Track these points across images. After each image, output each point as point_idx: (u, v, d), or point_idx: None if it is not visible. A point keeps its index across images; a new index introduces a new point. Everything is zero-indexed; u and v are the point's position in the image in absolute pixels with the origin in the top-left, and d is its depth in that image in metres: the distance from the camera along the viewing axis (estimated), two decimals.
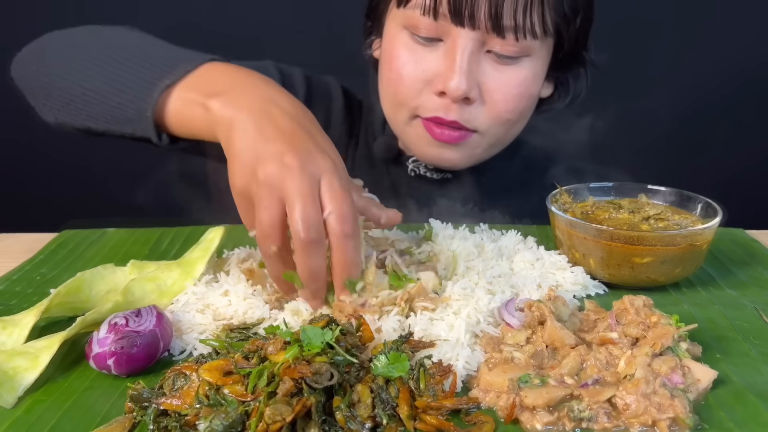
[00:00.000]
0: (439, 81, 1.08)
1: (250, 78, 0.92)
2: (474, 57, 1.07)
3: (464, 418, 0.67)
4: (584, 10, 1.13)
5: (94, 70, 1.01)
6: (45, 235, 1.17)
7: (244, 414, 0.63)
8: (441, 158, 1.19)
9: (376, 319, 0.80)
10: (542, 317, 0.79)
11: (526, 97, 1.14)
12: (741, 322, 0.87)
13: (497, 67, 1.10)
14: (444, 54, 1.08)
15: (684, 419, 0.65)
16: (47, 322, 0.86)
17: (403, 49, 1.12)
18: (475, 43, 1.06)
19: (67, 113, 1.05)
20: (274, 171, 0.77)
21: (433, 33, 1.08)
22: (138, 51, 1.02)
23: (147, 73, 0.97)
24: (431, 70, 1.09)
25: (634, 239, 0.91)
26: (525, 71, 1.11)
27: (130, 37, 1.08)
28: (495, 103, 1.11)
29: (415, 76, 1.11)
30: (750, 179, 2.42)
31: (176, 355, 0.79)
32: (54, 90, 1.05)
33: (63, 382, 0.74)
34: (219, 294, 0.87)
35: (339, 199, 0.78)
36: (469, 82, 1.06)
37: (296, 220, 0.75)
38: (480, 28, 1.04)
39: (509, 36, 1.05)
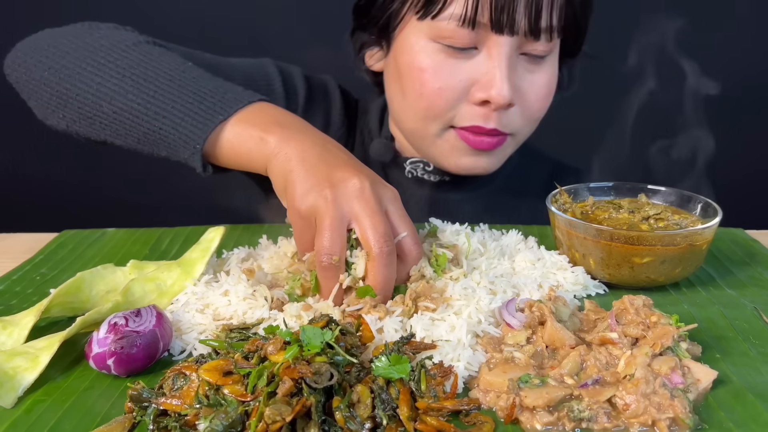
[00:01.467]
0: (480, 90, 1.08)
1: (300, 120, 0.96)
2: (512, 62, 1.08)
3: (463, 419, 0.67)
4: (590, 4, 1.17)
5: (129, 91, 0.97)
6: (45, 235, 1.17)
7: (243, 414, 0.63)
8: (475, 167, 1.18)
9: (377, 319, 0.80)
10: (542, 317, 0.79)
11: (551, 94, 1.17)
12: (741, 322, 0.87)
13: (529, 69, 1.12)
14: (482, 62, 1.08)
15: (684, 419, 0.65)
16: (47, 322, 0.86)
17: (435, 61, 1.09)
18: (513, 48, 1.07)
19: (86, 126, 1.02)
20: (343, 191, 0.82)
21: (470, 43, 1.07)
22: (179, 77, 0.99)
23: (196, 107, 0.96)
24: (468, 80, 1.09)
25: (634, 239, 0.91)
26: (550, 69, 1.14)
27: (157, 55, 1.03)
28: (529, 105, 1.13)
29: (452, 87, 1.09)
30: (750, 179, 2.42)
31: (176, 355, 0.79)
32: (72, 102, 1.01)
33: (63, 382, 0.74)
34: (219, 294, 0.87)
35: (408, 222, 0.85)
36: (511, 89, 1.07)
37: (374, 234, 0.81)
38: (518, 33, 1.06)
39: (544, 37, 1.07)
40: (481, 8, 1.03)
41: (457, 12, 1.04)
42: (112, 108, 0.98)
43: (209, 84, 1.00)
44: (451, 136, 1.15)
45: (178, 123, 0.96)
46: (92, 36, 1.06)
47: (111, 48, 1.03)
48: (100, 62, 1.01)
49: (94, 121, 1.01)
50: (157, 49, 1.07)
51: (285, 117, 0.96)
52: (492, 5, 1.03)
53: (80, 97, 1.00)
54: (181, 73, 1.00)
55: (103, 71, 1.00)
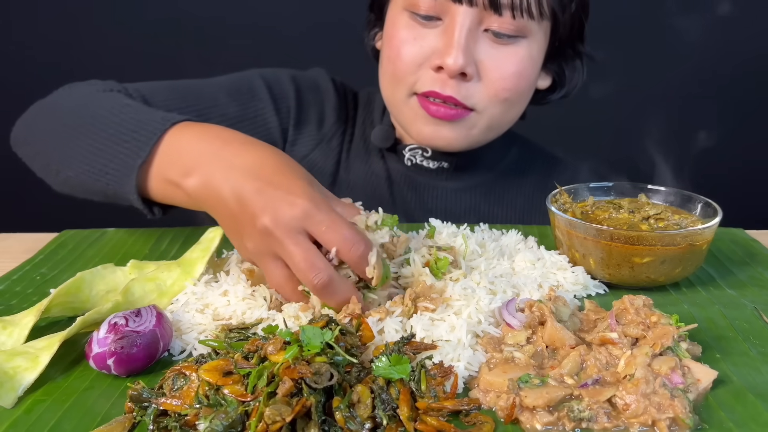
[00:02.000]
0: (437, 56, 1.11)
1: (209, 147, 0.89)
2: (472, 34, 1.10)
3: (463, 419, 0.67)
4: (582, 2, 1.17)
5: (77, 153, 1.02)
6: (45, 235, 1.17)
7: (243, 414, 0.63)
8: (436, 136, 1.20)
9: (377, 320, 0.80)
10: (543, 317, 0.79)
11: (524, 77, 1.17)
12: (741, 322, 0.87)
13: (495, 46, 1.13)
14: (442, 31, 1.12)
15: (684, 419, 0.65)
16: (47, 322, 0.86)
17: (403, 28, 1.16)
18: (473, 20, 1.10)
19: (69, 189, 1.09)
20: (257, 243, 0.81)
21: (432, 11, 1.12)
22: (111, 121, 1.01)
23: (120, 153, 0.97)
24: (429, 47, 1.13)
25: (634, 239, 0.91)
26: (522, 51, 1.14)
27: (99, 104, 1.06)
28: (492, 81, 1.14)
29: (414, 53, 1.14)
30: (750, 179, 2.42)
31: (176, 355, 0.79)
32: (50, 170, 1.08)
33: (63, 382, 0.74)
34: (218, 294, 0.87)
35: (332, 229, 0.79)
36: (466, 58, 1.09)
37: (301, 273, 0.79)
38: (477, 5, 1.08)
39: (506, 13, 1.09)
40: None
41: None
42: (73, 171, 1.03)
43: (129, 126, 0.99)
44: (414, 102, 1.18)
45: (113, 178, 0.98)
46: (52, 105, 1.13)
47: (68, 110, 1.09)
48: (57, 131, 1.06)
49: (70, 184, 1.06)
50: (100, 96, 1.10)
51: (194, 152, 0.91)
52: None
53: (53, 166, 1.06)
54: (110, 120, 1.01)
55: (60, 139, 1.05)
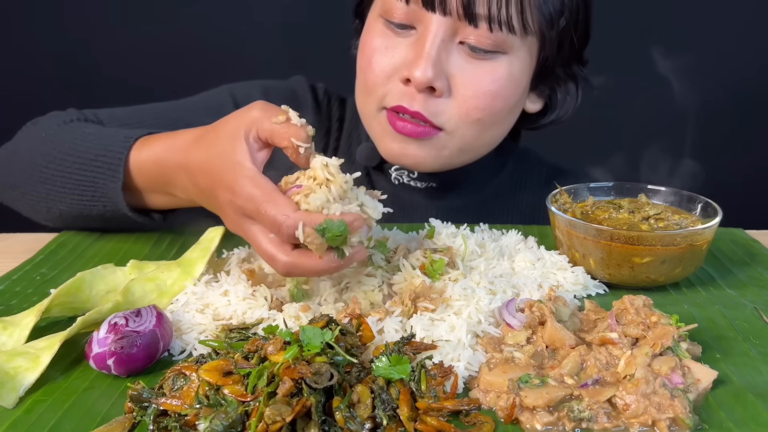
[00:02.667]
0: (406, 68, 1.04)
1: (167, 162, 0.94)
2: (444, 46, 1.03)
3: (463, 419, 0.67)
4: (572, 13, 1.08)
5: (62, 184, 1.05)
6: (45, 235, 1.17)
7: (243, 414, 0.63)
8: (404, 154, 1.11)
9: (377, 320, 0.80)
10: (543, 317, 0.79)
11: (501, 98, 1.08)
12: (741, 322, 0.87)
13: (470, 61, 1.05)
14: (415, 41, 1.05)
15: (684, 419, 0.65)
16: (47, 323, 0.86)
17: (376, 36, 1.09)
18: (447, 30, 1.02)
19: (61, 222, 1.11)
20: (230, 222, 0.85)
21: (406, 19, 1.05)
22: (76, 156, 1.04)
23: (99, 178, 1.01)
24: (401, 57, 1.06)
25: (634, 239, 0.91)
26: (500, 69, 1.06)
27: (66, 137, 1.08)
28: (464, 99, 1.05)
29: (384, 63, 1.07)
30: (750, 179, 2.42)
31: (176, 355, 0.79)
32: (41, 209, 1.10)
33: (63, 382, 0.74)
34: (219, 294, 0.87)
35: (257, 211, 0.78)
36: (436, 71, 1.02)
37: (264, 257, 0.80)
38: (452, 14, 1.01)
39: (482, 25, 1.01)
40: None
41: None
42: (66, 204, 1.06)
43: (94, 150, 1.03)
44: (382, 117, 1.11)
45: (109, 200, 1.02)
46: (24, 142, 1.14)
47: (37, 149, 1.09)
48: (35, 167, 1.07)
49: (64, 218, 1.10)
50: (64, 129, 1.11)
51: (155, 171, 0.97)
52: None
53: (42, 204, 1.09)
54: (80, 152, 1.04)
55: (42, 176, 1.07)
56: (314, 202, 0.76)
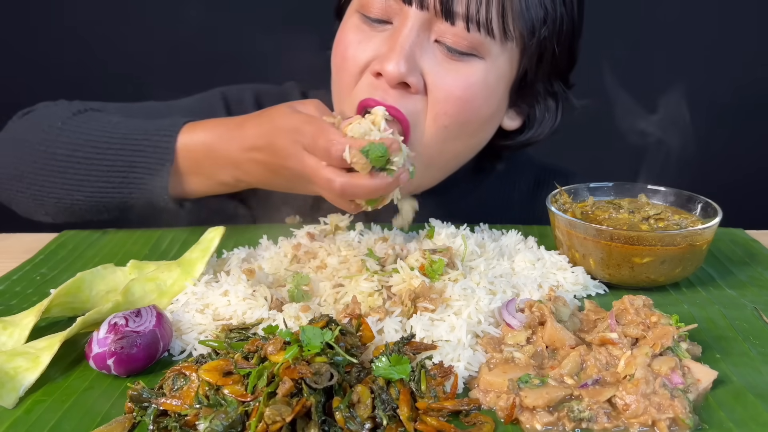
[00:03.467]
0: (378, 61, 1.00)
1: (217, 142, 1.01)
2: (419, 41, 0.99)
3: (463, 419, 0.67)
4: (555, 23, 1.04)
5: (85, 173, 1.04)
6: (45, 235, 1.17)
7: (243, 414, 0.63)
8: None
9: (377, 320, 0.80)
10: (543, 318, 0.79)
11: (473, 105, 1.03)
12: (741, 322, 0.87)
13: (445, 61, 1.00)
14: (389, 35, 1.01)
15: (684, 419, 0.65)
16: (47, 323, 0.86)
17: (351, 31, 1.05)
18: (423, 25, 0.98)
19: (70, 215, 1.09)
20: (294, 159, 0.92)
21: (383, 13, 1.01)
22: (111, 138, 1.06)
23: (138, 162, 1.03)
24: (374, 51, 1.01)
25: (634, 239, 0.91)
26: (476, 74, 1.01)
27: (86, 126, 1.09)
28: (435, 102, 1.01)
29: (356, 58, 1.03)
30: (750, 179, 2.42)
31: (176, 355, 0.79)
32: (48, 200, 1.08)
33: (63, 382, 0.74)
34: (219, 294, 0.87)
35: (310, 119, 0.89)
36: (409, 65, 0.97)
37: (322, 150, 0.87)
38: (428, 8, 0.97)
39: (459, 23, 0.97)
40: None
41: None
42: (84, 194, 1.06)
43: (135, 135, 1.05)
44: None
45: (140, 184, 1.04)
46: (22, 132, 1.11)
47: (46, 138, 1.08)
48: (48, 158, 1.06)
49: (74, 209, 1.08)
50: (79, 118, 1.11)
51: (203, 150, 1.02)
52: None
53: (53, 194, 1.07)
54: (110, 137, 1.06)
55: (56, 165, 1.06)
56: (359, 130, 0.88)
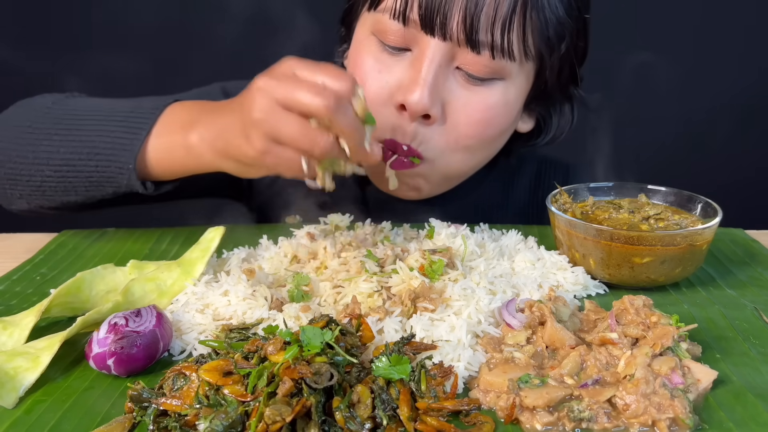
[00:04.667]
0: (401, 93, 0.98)
1: (207, 104, 0.96)
2: (442, 71, 0.98)
3: (463, 419, 0.67)
4: (572, 37, 1.04)
5: (58, 145, 1.00)
6: (45, 235, 1.17)
7: (243, 414, 0.63)
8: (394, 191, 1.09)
9: (377, 320, 0.80)
10: (542, 318, 0.79)
11: (494, 125, 1.03)
12: (741, 322, 0.87)
13: (465, 86, 1.00)
14: (410, 64, 0.99)
15: (684, 419, 0.65)
16: (47, 323, 0.86)
17: (369, 56, 1.02)
18: (445, 55, 0.97)
19: (41, 196, 1.04)
20: (259, 102, 0.80)
21: (402, 41, 0.99)
22: (98, 111, 1.02)
23: (118, 130, 0.98)
24: (395, 80, 1.00)
25: (634, 239, 0.91)
26: (496, 96, 1.01)
27: (79, 102, 1.07)
28: (455, 126, 1.01)
29: (378, 87, 1.01)
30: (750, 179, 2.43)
31: (176, 355, 0.79)
32: (19, 178, 1.03)
33: (63, 382, 0.74)
34: (219, 294, 0.87)
35: (320, 68, 0.80)
36: (432, 97, 0.97)
37: (306, 100, 0.77)
38: (452, 39, 0.95)
39: (484, 52, 0.96)
40: (411, 3, 0.96)
41: (389, 4, 0.98)
42: (52, 169, 1.01)
43: (123, 108, 1.02)
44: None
45: (110, 154, 0.98)
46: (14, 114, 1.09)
47: (34, 116, 1.06)
48: (27, 133, 1.03)
49: (45, 188, 1.03)
50: (71, 99, 1.10)
51: (195, 110, 0.96)
52: (424, 2, 0.95)
53: (24, 171, 1.03)
54: (96, 111, 1.03)
55: (32, 140, 1.03)
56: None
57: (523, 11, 0.96)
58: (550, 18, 0.99)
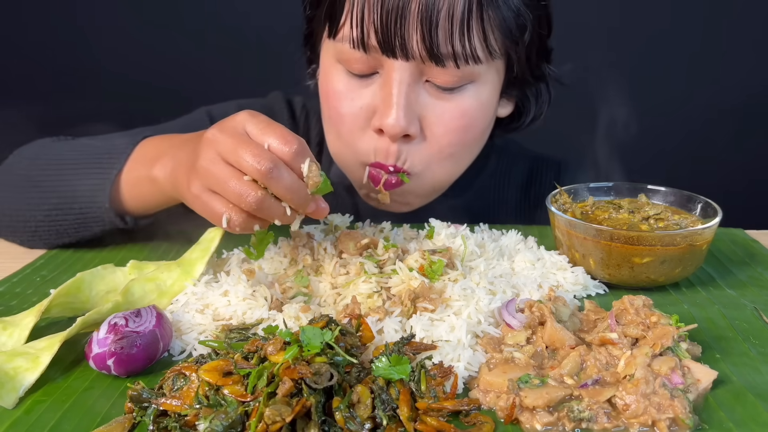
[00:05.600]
0: (377, 118, 1.00)
1: (176, 138, 1.00)
2: (412, 89, 0.98)
3: (463, 419, 0.67)
4: (535, 24, 1.03)
5: (45, 192, 1.06)
6: None
7: (243, 414, 0.63)
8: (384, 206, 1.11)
9: (377, 320, 0.80)
10: (542, 318, 0.79)
11: (472, 128, 1.05)
12: (741, 322, 0.87)
13: (438, 96, 1.01)
14: (380, 87, 1.00)
15: (684, 419, 0.65)
16: (47, 323, 0.86)
17: (339, 84, 1.03)
18: (412, 74, 0.97)
19: (38, 239, 1.10)
20: (205, 151, 0.82)
21: (367, 67, 1.00)
22: (78, 155, 1.07)
23: (95, 172, 1.03)
24: (368, 106, 1.02)
25: (634, 239, 0.91)
26: (469, 100, 1.02)
27: (62, 147, 1.11)
28: (435, 138, 1.02)
29: (354, 114, 1.02)
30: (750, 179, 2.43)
31: (176, 356, 0.79)
32: (18, 225, 1.09)
33: (63, 382, 0.74)
34: (219, 294, 0.87)
35: (270, 128, 0.82)
36: (408, 117, 0.98)
37: (246, 161, 0.78)
38: (415, 57, 0.96)
39: (449, 64, 0.96)
40: (368, 30, 0.95)
41: (346, 33, 0.98)
42: (43, 214, 1.06)
43: (99, 149, 1.06)
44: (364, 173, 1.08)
45: (90, 196, 1.03)
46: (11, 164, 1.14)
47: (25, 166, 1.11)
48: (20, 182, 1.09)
49: (40, 233, 1.08)
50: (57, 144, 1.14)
51: (163, 144, 1.01)
52: (380, 28, 0.94)
53: (20, 218, 1.08)
54: (75, 156, 1.07)
55: (25, 188, 1.08)
56: None
57: (479, 13, 0.95)
58: (507, 14, 0.98)
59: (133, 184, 1.01)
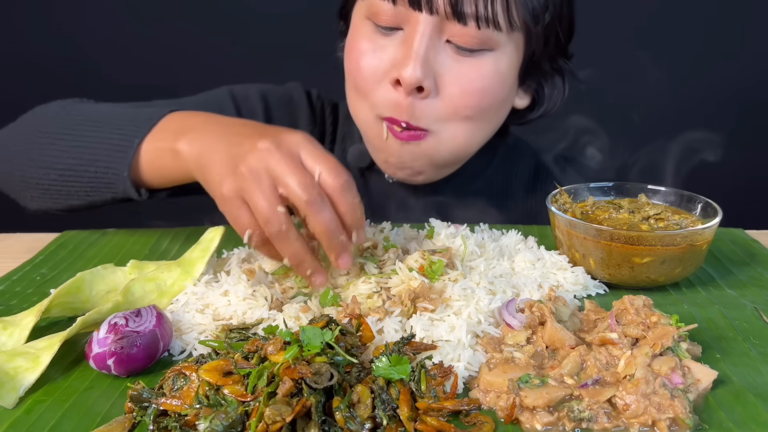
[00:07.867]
0: (395, 69, 1.03)
1: (207, 116, 1.00)
2: (432, 44, 1.02)
3: (463, 419, 0.67)
4: (556, 6, 1.08)
5: (63, 150, 1.05)
6: (45, 235, 1.17)
7: (243, 414, 0.63)
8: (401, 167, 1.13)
9: (377, 320, 0.80)
10: (542, 318, 0.79)
11: (489, 94, 1.07)
12: (741, 322, 0.87)
13: (457, 59, 1.04)
14: (402, 42, 1.04)
15: (684, 419, 0.65)
16: (48, 323, 0.86)
17: (363, 39, 1.08)
18: (434, 29, 1.01)
19: (48, 198, 1.10)
20: (254, 159, 0.81)
21: (393, 20, 1.04)
22: (101, 119, 1.07)
23: (116, 138, 1.03)
24: (389, 58, 1.05)
25: (634, 239, 0.91)
26: (487, 66, 1.05)
27: (85, 109, 1.12)
28: (451, 98, 1.05)
29: (373, 66, 1.06)
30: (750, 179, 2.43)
31: (176, 355, 0.79)
32: (30, 181, 1.09)
33: (63, 382, 0.74)
34: (219, 294, 0.87)
35: (323, 157, 0.82)
36: (425, 70, 1.01)
37: (293, 188, 0.79)
38: (439, 12, 1.00)
39: (470, 23, 1.00)
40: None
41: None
42: (57, 173, 1.06)
43: (128, 112, 1.07)
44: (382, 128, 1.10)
45: (107, 161, 1.03)
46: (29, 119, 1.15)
47: (45, 122, 1.11)
48: (38, 137, 1.09)
49: (51, 192, 1.09)
50: (78, 104, 1.14)
51: (192, 119, 1.01)
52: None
53: (34, 174, 1.08)
54: (98, 118, 1.07)
55: (42, 144, 1.08)
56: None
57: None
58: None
59: (154, 155, 1.00)
